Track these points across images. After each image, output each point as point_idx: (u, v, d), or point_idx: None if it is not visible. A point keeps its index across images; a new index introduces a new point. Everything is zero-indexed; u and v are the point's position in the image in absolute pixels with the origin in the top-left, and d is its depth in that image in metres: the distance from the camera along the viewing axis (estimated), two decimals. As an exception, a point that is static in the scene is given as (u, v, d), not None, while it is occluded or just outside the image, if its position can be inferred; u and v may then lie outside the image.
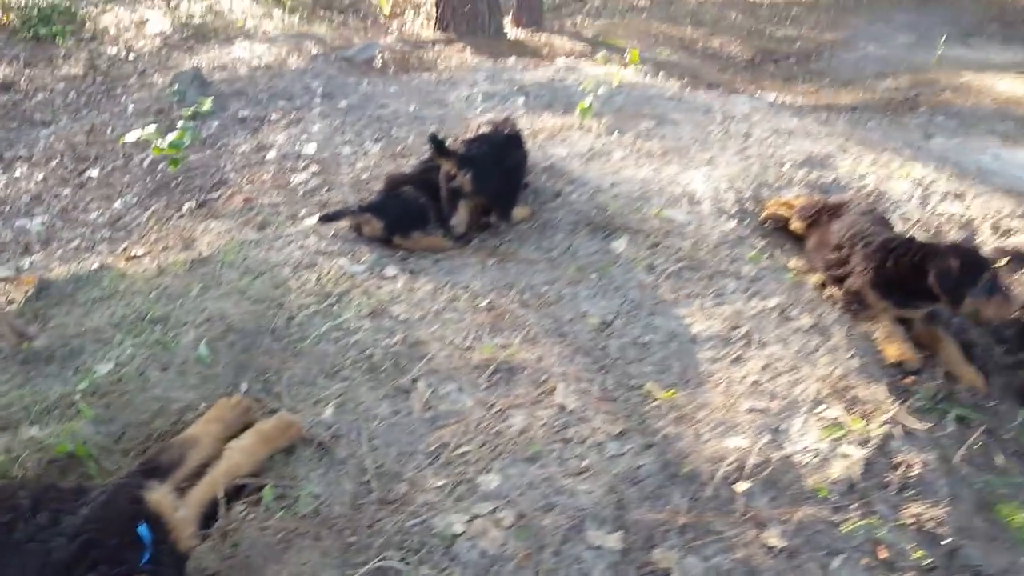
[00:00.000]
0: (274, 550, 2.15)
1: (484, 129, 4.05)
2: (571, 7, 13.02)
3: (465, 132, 4.25)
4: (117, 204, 4.81)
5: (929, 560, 2.42)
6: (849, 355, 3.17)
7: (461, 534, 2.29)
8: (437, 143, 3.73)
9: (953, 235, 4.41)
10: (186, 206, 4.51)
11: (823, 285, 3.75)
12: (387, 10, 10.87)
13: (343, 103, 5.49)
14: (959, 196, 4.76)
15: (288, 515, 2.27)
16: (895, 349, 3.30)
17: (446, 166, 3.77)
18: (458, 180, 3.73)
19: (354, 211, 3.75)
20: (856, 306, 3.52)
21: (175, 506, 2.10)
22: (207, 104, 4.93)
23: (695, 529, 2.39)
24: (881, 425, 2.83)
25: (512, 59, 7.47)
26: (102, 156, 5.40)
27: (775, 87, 9.63)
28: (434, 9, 9.87)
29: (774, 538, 2.40)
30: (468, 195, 3.77)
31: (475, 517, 2.34)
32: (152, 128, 4.53)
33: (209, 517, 2.20)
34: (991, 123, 7.94)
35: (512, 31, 10.32)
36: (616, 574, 2.23)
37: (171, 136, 4.43)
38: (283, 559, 2.13)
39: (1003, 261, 4.07)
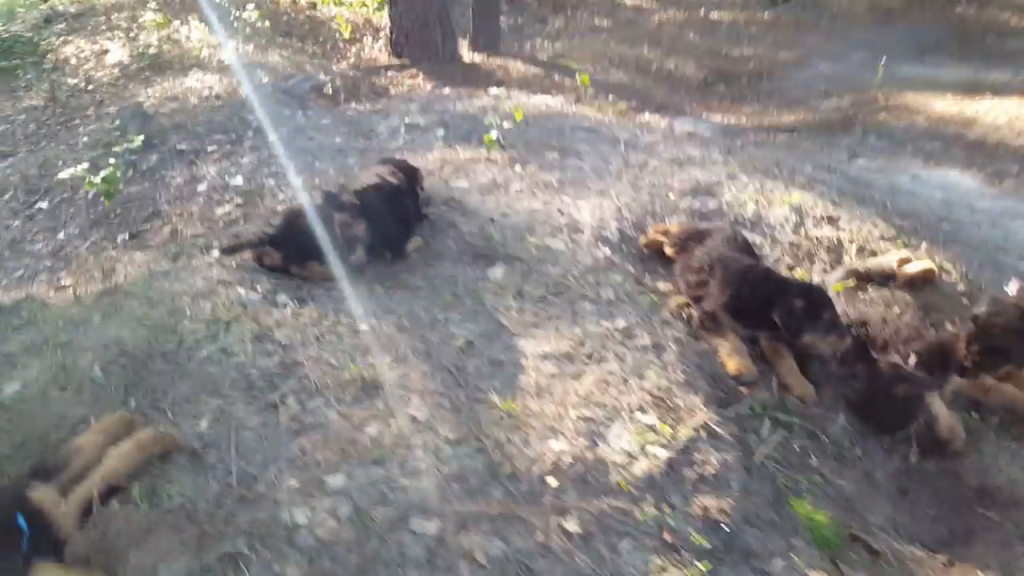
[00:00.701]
0: (138, 538, 2.60)
1: (375, 178, 4.49)
2: (532, 28, 13.26)
3: (359, 177, 4.71)
4: (60, 235, 5.26)
5: (709, 544, 2.87)
6: (678, 369, 3.62)
7: (303, 525, 2.73)
8: (334, 201, 4.20)
9: (822, 256, 4.91)
10: (120, 238, 4.96)
11: (687, 305, 4.22)
12: (347, 34, 11.25)
13: (273, 136, 5.93)
14: (833, 220, 5.22)
15: (154, 510, 2.71)
16: (735, 363, 3.77)
17: (340, 217, 4.20)
18: (354, 229, 4.17)
19: (254, 243, 4.19)
20: (710, 324, 4.00)
21: (56, 502, 2.57)
22: (138, 141, 5.38)
23: (504, 518, 2.83)
24: (691, 430, 3.29)
25: (447, 89, 7.91)
26: (51, 188, 5.84)
27: (722, 108, 9.70)
28: (388, 34, 10.18)
29: (572, 524, 2.84)
30: (362, 239, 4.21)
31: (316, 511, 2.78)
32: (84, 166, 4.98)
33: (87, 512, 2.65)
34: (920, 142, 8.14)
35: (469, 55, 10.56)
36: (430, 555, 2.68)
37: (104, 172, 4.87)
38: (144, 546, 2.57)
39: (852, 282, 4.55)
